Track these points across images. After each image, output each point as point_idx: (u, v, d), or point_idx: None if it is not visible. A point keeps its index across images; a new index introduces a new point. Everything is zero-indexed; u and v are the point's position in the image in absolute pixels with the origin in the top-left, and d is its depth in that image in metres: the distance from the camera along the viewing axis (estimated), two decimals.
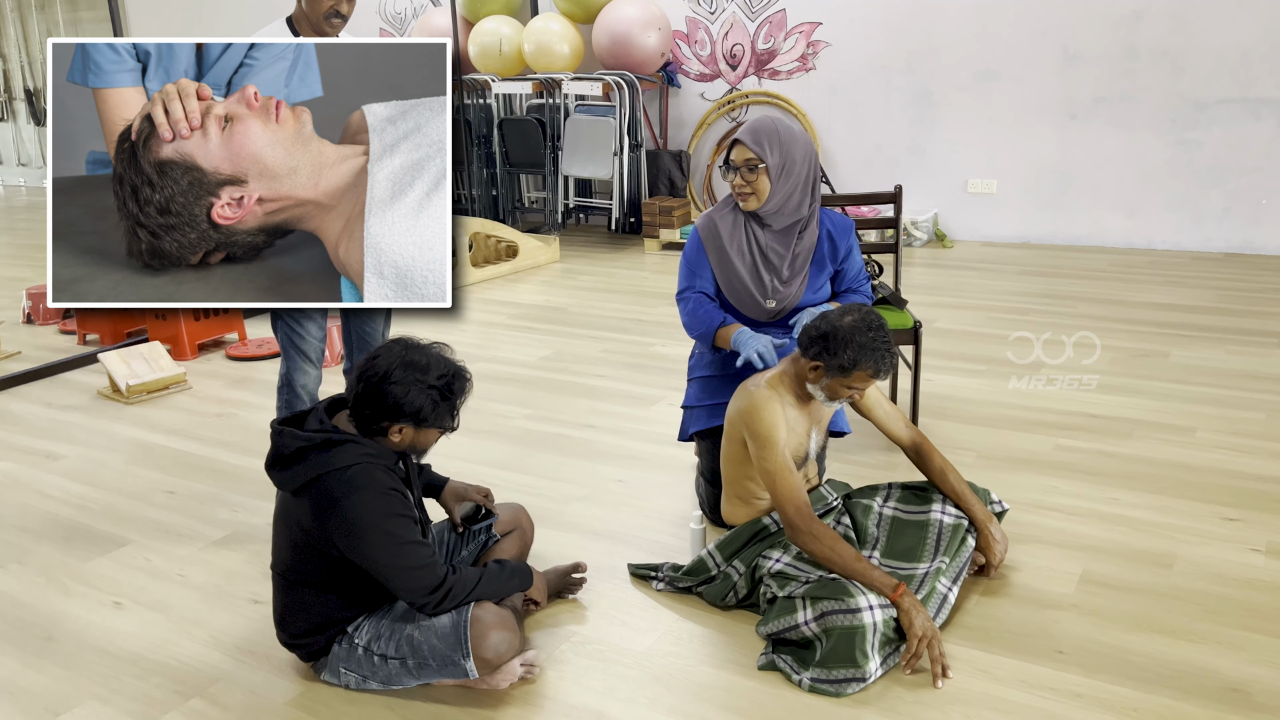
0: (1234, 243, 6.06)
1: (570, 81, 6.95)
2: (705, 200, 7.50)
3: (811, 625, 2.17)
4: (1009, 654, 2.22)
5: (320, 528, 1.99)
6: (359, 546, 1.98)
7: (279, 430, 2.03)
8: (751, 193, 2.69)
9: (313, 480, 1.98)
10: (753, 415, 2.36)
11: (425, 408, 1.98)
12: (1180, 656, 2.19)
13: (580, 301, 5.60)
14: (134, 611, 2.54)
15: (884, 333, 2.30)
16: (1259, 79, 5.78)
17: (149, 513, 3.10)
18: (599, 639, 2.35)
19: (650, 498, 3.07)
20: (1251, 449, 3.24)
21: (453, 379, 2.02)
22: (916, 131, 6.77)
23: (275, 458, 2.03)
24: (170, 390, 4.24)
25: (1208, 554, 2.61)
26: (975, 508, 2.49)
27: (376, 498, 1.97)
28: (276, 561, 2.16)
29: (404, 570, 2.00)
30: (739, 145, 2.67)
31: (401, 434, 2.03)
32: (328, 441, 1.99)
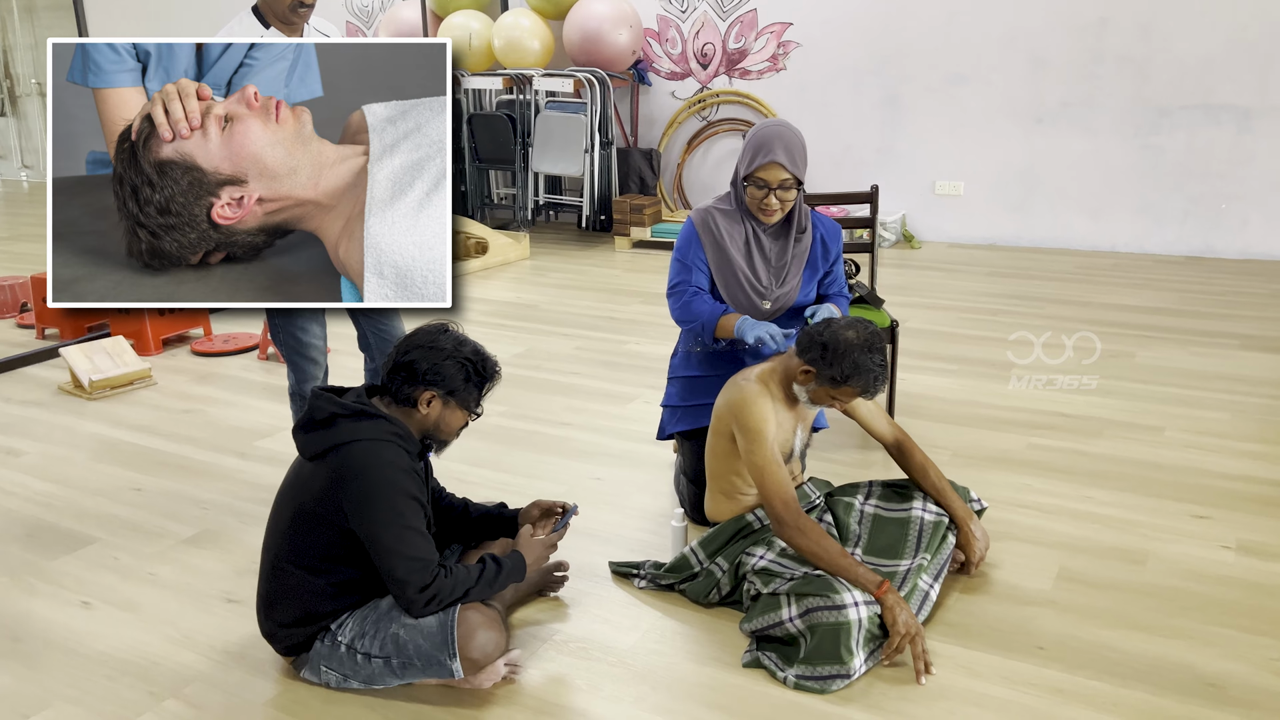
0: (1195, 246, 6.18)
1: (541, 77, 6.92)
2: (675, 199, 7.50)
3: (796, 622, 2.17)
4: (990, 650, 2.24)
5: (334, 493, 2.01)
6: (367, 518, 1.99)
7: (317, 394, 2.08)
8: (780, 210, 2.68)
9: (338, 445, 2.02)
10: (743, 409, 2.36)
11: (457, 379, 2.07)
12: (1156, 652, 2.22)
13: (551, 299, 5.57)
14: (103, 611, 2.49)
15: (882, 356, 2.31)
16: (1219, 86, 5.89)
17: (116, 510, 3.04)
18: (582, 637, 2.33)
19: (628, 495, 3.06)
20: (1218, 448, 3.30)
21: (485, 360, 2.13)
22: (885, 133, 6.82)
23: (307, 420, 2.08)
24: (135, 386, 4.16)
25: (1180, 551, 2.65)
26: (955, 505, 2.51)
27: (397, 474, 2.02)
28: (271, 541, 2.13)
29: (401, 557, 1.99)
30: (774, 166, 2.61)
31: (430, 407, 2.09)
32: (361, 413, 2.04)
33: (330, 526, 2.04)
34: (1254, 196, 5.97)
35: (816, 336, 2.31)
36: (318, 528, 2.06)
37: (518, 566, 2.20)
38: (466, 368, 2.10)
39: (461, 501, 2.45)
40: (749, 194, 2.68)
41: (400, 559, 1.99)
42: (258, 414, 3.83)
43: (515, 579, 2.19)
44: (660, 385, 4.02)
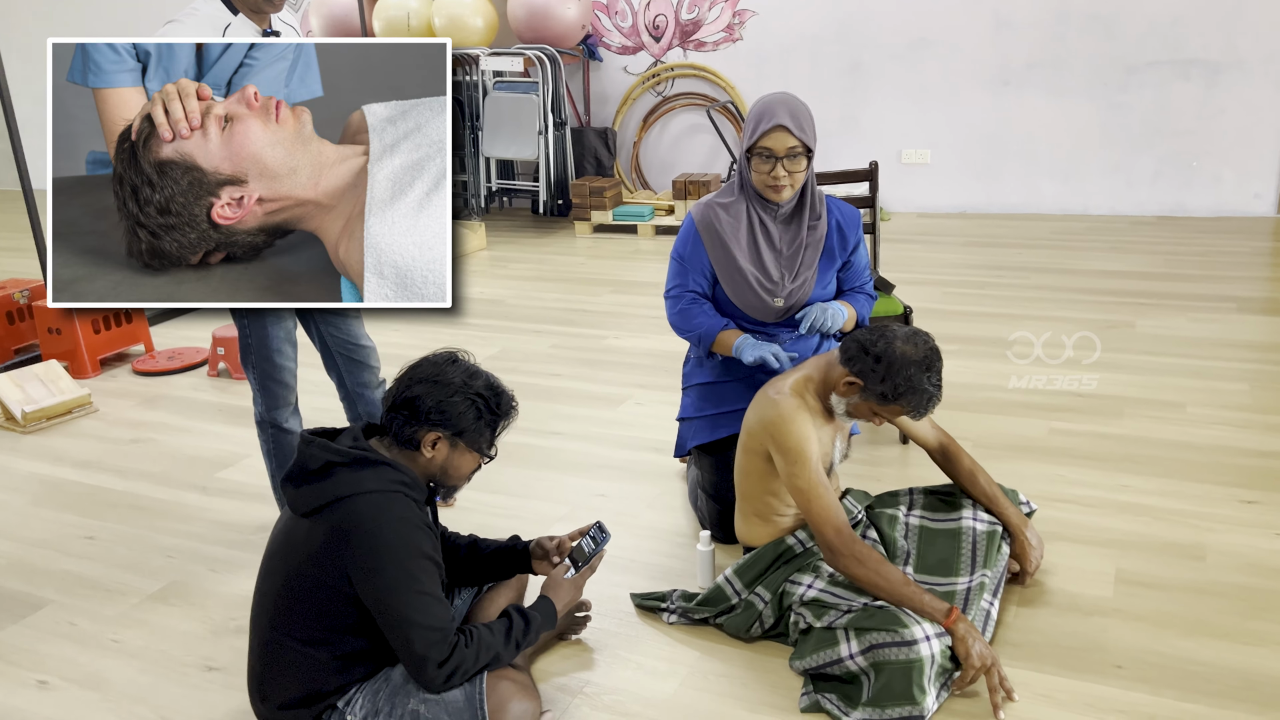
0: (1167, 205, 6.09)
1: (488, 57, 6.57)
2: (634, 180, 7.22)
3: (858, 659, 1.95)
4: (1065, 673, 2.05)
5: (335, 554, 1.74)
6: (374, 583, 1.73)
7: (308, 440, 1.83)
8: (789, 185, 2.42)
9: (335, 500, 1.76)
10: (781, 428, 2.11)
11: (467, 417, 1.83)
12: (1243, 663, 2.05)
13: (517, 292, 5.28)
14: (63, 691, 2.18)
15: (939, 376, 2.08)
16: (1187, 40, 5.78)
17: (66, 564, 2.70)
18: (616, 688, 2.09)
19: (638, 513, 2.81)
20: (1246, 423, 3.16)
21: (500, 395, 1.89)
22: (848, 102, 6.61)
23: (299, 471, 1.81)
24: (74, 414, 3.79)
25: (1236, 542, 2.49)
26: (1009, 512, 2.31)
27: (408, 530, 1.76)
28: (260, 607, 1.85)
29: (415, 627, 1.73)
30: (779, 132, 2.34)
31: (435, 449, 1.84)
32: (361, 459, 1.79)
33: (332, 592, 1.76)
34: (1224, 153, 5.89)
35: (870, 346, 2.06)
36: (316, 594, 1.78)
37: (549, 616, 1.94)
38: (477, 404, 1.84)
39: (469, 539, 2.18)
40: (754, 171, 2.42)
41: (416, 630, 1.72)
42: (215, 440, 3.50)
43: (547, 630, 1.94)
44: (649, 383, 3.80)
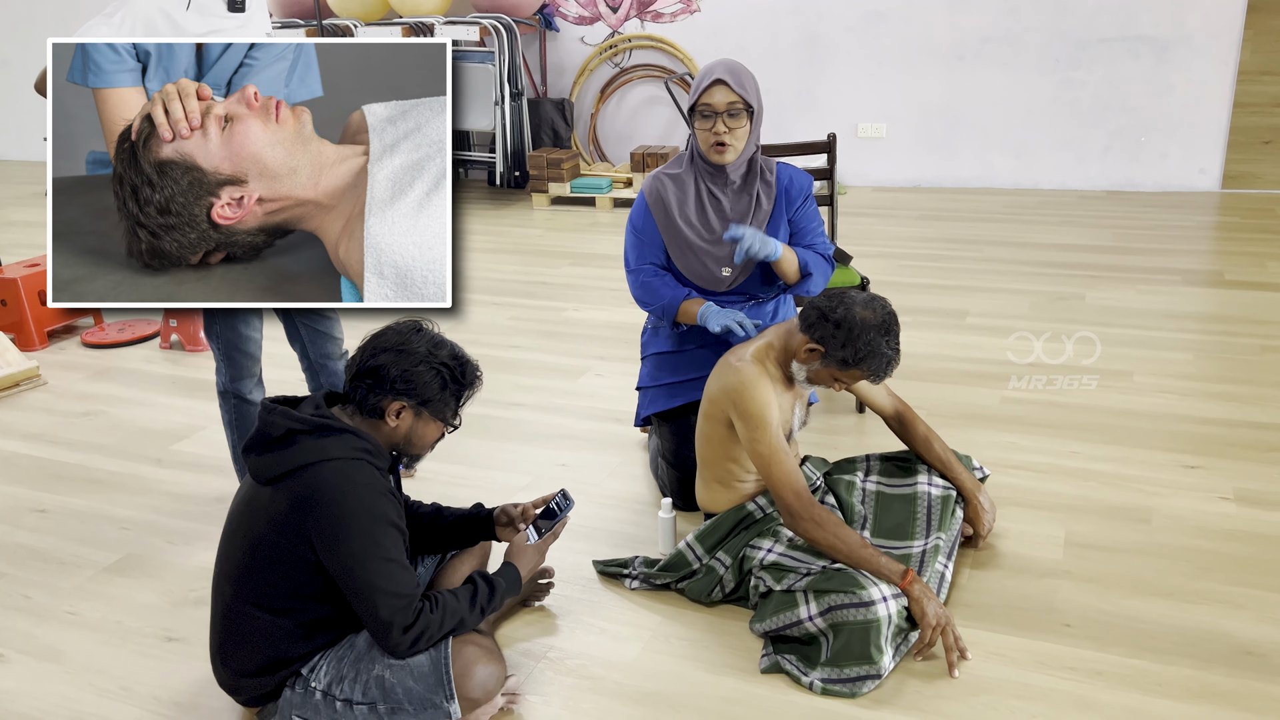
0: (1116, 180, 6.20)
1: (443, 25, 6.48)
2: (591, 152, 7.19)
3: (817, 620, 2.00)
4: (1017, 632, 2.11)
5: (298, 522, 1.74)
6: (338, 550, 1.72)
7: (270, 408, 1.82)
8: (730, 144, 2.43)
9: (299, 468, 1.75)
10: (742, 394, 2.14)
11: (433, 387, 1.83)
12: (1187, 620, 2.12)
13: (475, 265, 5.24)
14: (19, 664, 2.15)
15: (897, 340, 2.12)
16: (1138, 17, 5.87)
17: (18, 538, 2.66)
18: (580, 652, 2.11)
19: (599, 482, 2.83)
20: (1189, 391, 3.25)
21: (465, 365, 1.89)
22: (805, 75, 6.63)
23: (259, 439, 1.80)
24: (22, 387, 3.71)
25: (1181, 505, 2.57)
26: (963, 477, 2.37)
27: (372, 496, 1.76)
28: (223, 576, 1.85)
29: (380, 593, 1.73)
30: (718, 87, 2.38)
31: (400, 418, 1.84)
32: (324, 427, 1.78)
33: (295, 560, 1.76)
34: (1171, 128, 6.00)
35: (830, 313, 2.09)
36: (279, 562, 1.77)
37: (513, 582, 1.95)
38: (442, 374, 1.83)
39: (431, 507, 2.18)
40: (698, 131, 2.45)
41: (381, 596, 1.73)
42: (169, 412, 3.45)
43: (511, 595, 1.95)
44: (609, 354, 3.81)
